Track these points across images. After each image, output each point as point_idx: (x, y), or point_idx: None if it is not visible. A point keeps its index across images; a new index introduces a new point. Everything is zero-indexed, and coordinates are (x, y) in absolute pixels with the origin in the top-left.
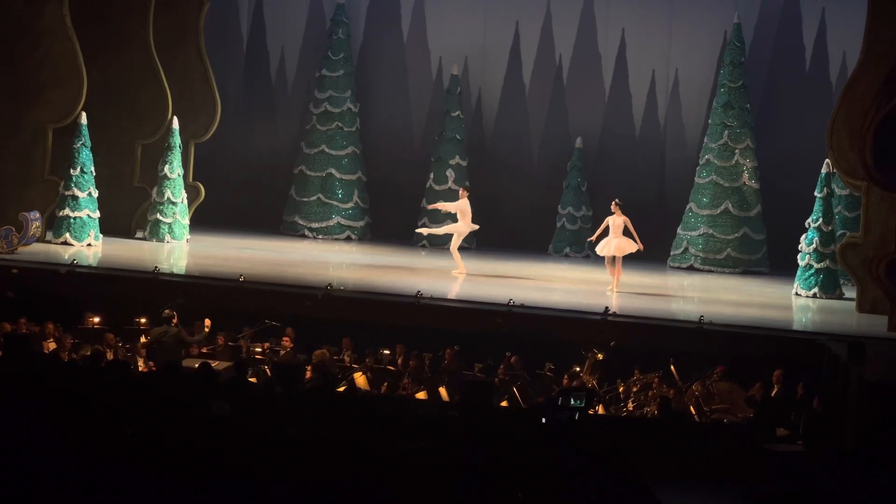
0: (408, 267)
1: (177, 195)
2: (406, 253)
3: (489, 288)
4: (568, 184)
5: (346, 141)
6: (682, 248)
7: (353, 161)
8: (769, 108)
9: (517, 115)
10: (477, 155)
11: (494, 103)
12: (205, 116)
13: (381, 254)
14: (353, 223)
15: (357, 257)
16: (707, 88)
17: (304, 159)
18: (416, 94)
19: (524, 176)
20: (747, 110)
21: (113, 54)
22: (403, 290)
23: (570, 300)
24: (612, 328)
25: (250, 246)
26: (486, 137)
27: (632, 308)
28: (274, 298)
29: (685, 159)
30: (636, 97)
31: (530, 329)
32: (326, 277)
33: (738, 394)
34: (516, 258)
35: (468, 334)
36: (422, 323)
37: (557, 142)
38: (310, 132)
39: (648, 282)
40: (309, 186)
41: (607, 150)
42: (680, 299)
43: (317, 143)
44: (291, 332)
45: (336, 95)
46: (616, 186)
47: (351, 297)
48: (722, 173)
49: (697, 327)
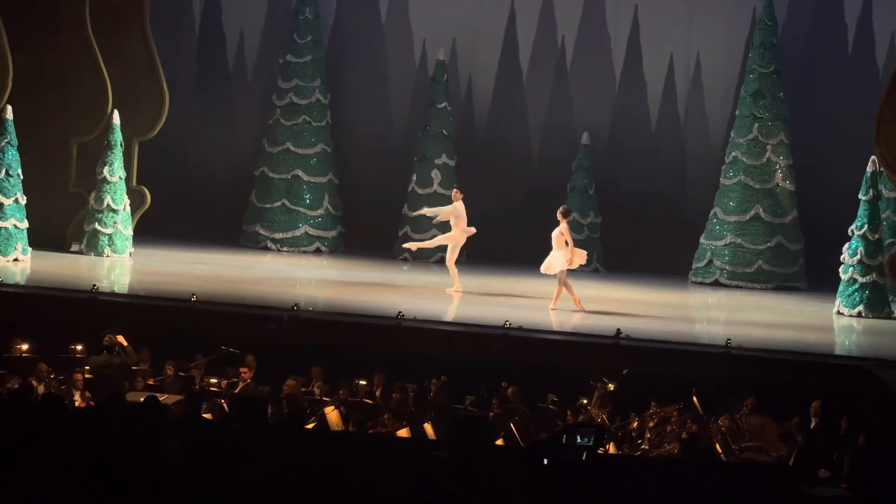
0: (387, 284)
1: (118, 201)
2: (385, 268)
3: (482, 308)
4: (573, 186)
5: (315, 137)
6: (706, 261)
7: (322, 161)
8: (805, 98)
9: (513, 106)
10: (467, 153)
11: (487, 93)
12: (151, 110)
13: (357, 269)
14: (324, 233)
15: (328, 273)
16: (734, 75)
17: (266, 159)
18: (397, 83)
19: (522, 177)
20: (780, 100)
21: (44, 39)
22: (382, 311)
23: (576, 321)
24: (624, 354)
25: (204, 260)
26: (478, 133)
27: (648, 331)
28: (232, 321)
29: (709, 157)
30: (652, 86)
31: (530, 355)
32: (293, 296)
33: (771, 429)
34: (513, 273)
35: (458, 362)
36: (404, 349)
37: (561, 138)
38: (273, 128)
39: (667, 299)
40: (272, 191)
41: (618, 147)
42: (704, 320)
43: (281, 141)
44: (252, 361)
45: (303, 85)
46: (628, 189)
47: (321, 320)
48: (752, 173)
49: (724, 352)
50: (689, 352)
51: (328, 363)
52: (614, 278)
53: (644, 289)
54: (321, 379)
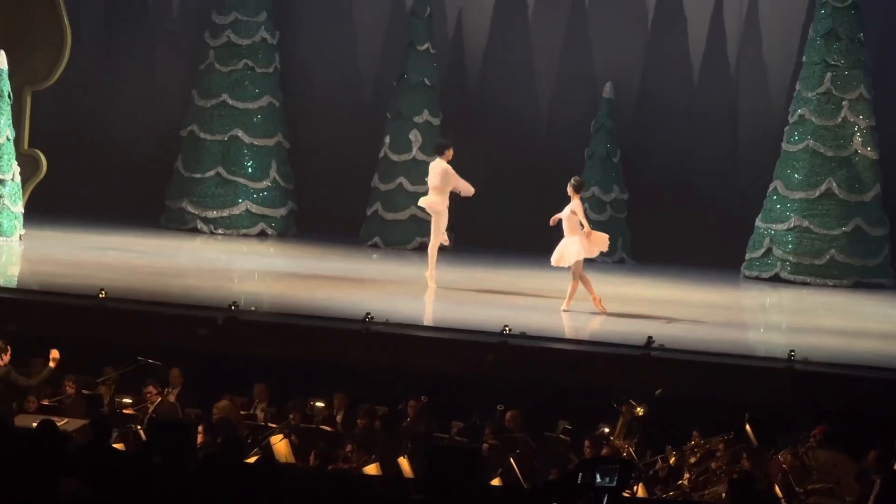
0: (352, 277)
1: (5, 169)
2: (349, 256)
3: (474, 309)
4: (592, 152)
5: (260, 87)
6: (764, 250)
7: (269, 118)
8: (893, 41)
9: (516, 50)
10: (455, 109)
11: (482, 33)
12: (46, 52)
13: (313, 257)
14: (270, 211)
15: (276, 262)
16: (800, 11)
17: (196, 115)
18: (365, 18)
19: (527, 141)
20: (860, 43)
21: None
22: (346, 312)
23: (596, 327)
24: (658, 369)
25: (115, 245)
26: (469, 83)
27: (688, 339)
28: (151, 324)
29: (767, 116)
30: (694, 24)
31: (535, 370)
32: (230, 293)
33: (845, 466)
34: (514, 265)
35: (442, 378)
36: (373, 361)
37: (576, 90)
38: (205, 75)
39: (714, 299)
40: (204, 156)
41: (650, 102)
42: (760, 326)
43: (215, 92)
44: (178, 375)
45: (244, 20)
46: (663, 157)
47: (267, 323)
48: (823, 137)
49: (786, 368)
50: (740, 367)
51: (275, 379)
52: (645, 271)
53: (683, 285)
54: (266, 399)
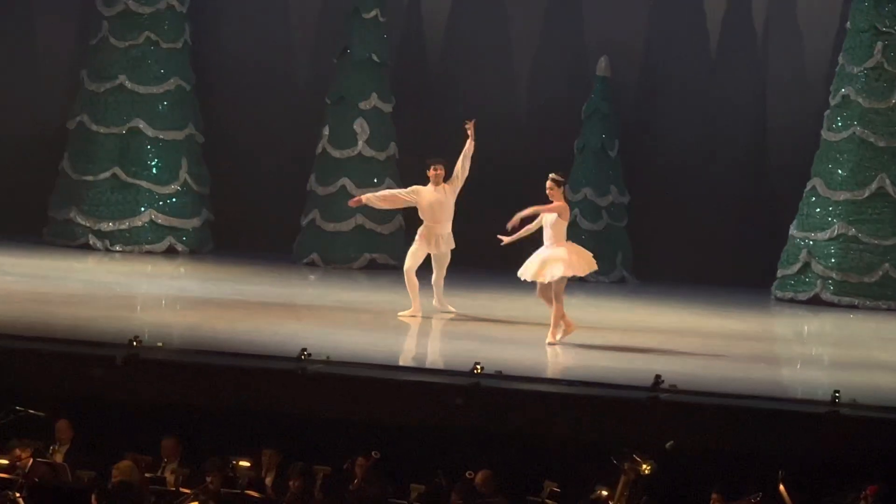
0: (284, 303)
1: None
2: (280, 277)
3: (438, 341)
4: (584, 144)
5: (167, 68)
6: (800, 265)
7: (178, 105)
8: None
9: (488, 17)
10: (411, 93)
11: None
12: None
13: (234, 279)
14: (181, 222)
15: (188, 286)
16: None
17: (86, 103)
18: None
19: (501, 132)
20: None
21: None
22: (276, 348)
23: (589, 363)
24: (668, 415)
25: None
26: (429, 60)
27: (705, 378)
28: (32, 364)
29: (803, 97)
30: None
31: (514, 418)
32: (131, 326)
33: None
34: (487, 286)
35: (399, 429)
36: (311, 409)
37: (564, 66)
38: (98, 52)
39: (738, 327)
40: (97, 154)
41: (657, 81)
42: (796, 361)
43: (111, 74)
44: (66, 429)
45: None
46: (673, 150)
47: (177, 362)
48: (873, 123)
49: (829, 413)
50: (772, 411)
51: (188, 433)
52: (650, 293)
53: (698, 310)
54: (177, 458)
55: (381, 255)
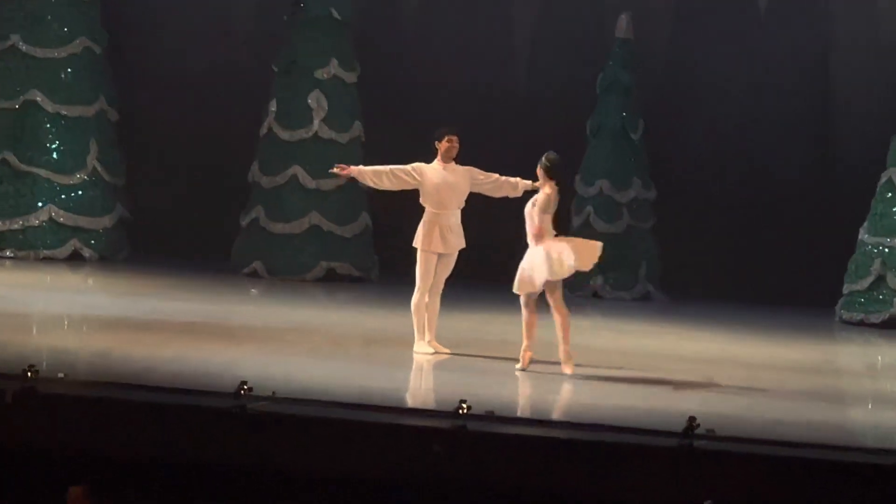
0: (218, 325)
1: None
2: (214, 291)
3: (414, 373)
4: (598, 125)
5: (71, 27)
6: (872, 278)
7: (86, 74)
8: None
9: None
10: (380, 59)
11: None
12: None
13: (155, 292)
14: (88, 221)
15: (97, 302)
16: None
17: None
18: None
19: (496, 107)
20: None
21: None
22: (208, 381)
23: (605, 401)
24: (705, 466)
25: None
26: (403, 17)
27: (752, 420)
28: None
29: (875, 69)
30: None
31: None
32: (26, 351)
33: None
34: (475, 304)
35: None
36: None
37: (574, 27)
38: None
39: (792, 355)
40: None
41: (689, 45)
42: (867, 399)
43: (0, 33)
44: None
45: None
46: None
47: (84, 398)
48: None
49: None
50: (836, 462)
51: (98, 482)
52: (682, 313)
53: (742, 335)
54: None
55: (342, 265)
